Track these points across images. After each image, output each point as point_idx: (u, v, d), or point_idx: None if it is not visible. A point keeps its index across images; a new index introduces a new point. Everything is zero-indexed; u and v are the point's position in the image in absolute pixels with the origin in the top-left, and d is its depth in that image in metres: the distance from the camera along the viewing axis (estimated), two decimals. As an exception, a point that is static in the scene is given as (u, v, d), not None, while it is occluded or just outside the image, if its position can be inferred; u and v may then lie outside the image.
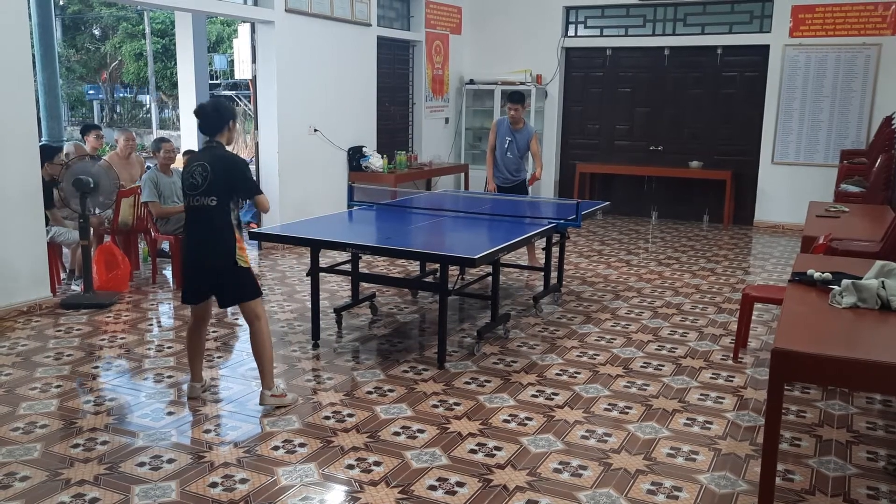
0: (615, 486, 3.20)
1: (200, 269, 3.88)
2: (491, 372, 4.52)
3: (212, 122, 3.87)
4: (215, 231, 3.80)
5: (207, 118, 3.88)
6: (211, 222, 3.80)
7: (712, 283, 6.85)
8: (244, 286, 3.90)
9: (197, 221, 3.83)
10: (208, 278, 3.88)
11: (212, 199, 3.76)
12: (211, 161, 3.78)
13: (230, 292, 3.92)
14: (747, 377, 4.51)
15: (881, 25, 8.93)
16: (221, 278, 3.86)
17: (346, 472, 3.29)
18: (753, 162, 9.89)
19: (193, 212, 3.82)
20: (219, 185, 3.76)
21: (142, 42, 21.90)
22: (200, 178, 3.75)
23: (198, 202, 3.77)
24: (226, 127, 3.89)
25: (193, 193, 3.78)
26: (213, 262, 3.82)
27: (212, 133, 3.88)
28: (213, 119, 3.87)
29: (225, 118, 3.89)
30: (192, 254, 3.88)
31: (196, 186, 3.76)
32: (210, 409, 3.95)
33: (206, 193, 3.75)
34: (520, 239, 4.96)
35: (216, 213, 3.78)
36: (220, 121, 3.87)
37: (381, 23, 9.42)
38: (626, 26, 10.54)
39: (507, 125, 6.86)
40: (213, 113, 3.90)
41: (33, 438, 3.57)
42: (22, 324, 5.30)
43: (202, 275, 3.89)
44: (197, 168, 3.78)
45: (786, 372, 2.58)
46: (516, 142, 6.84)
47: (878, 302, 3.02)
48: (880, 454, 3.54)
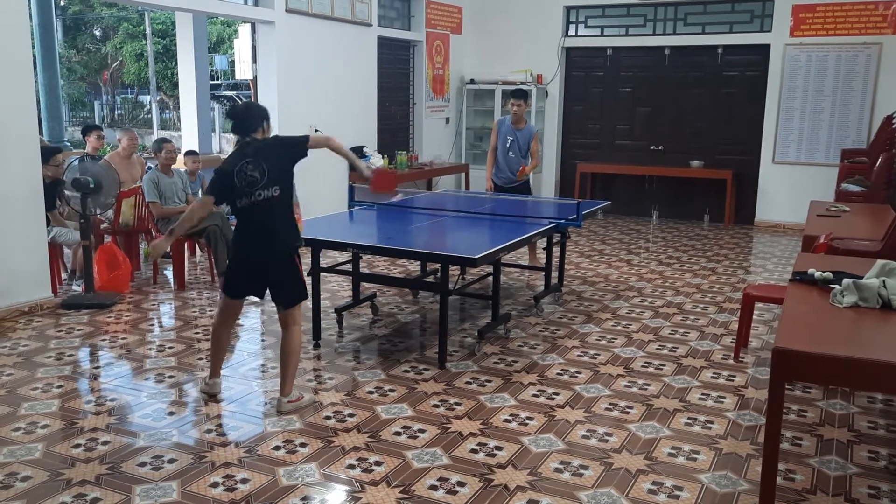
0: (616, 485, 3.20)
1: (264, 262, 3.83)
2: (492, 372, 4.52)
3: (245, 123, 3.86)
4: (282, 219, 3.81)
5: (240, 120, 3.87)
6: (280, 214, 3.80)
7: (713, 282, 6.85)
8: (299, 286, 3.90)
9: (262, 216, 3.77)
10: (271, 270, 3.85)
11: (275, 188, 3.76)
12: (257, 153, 3.76)
13: (288, 289, 3.89)
14: (748, 377, 4.51)
15: (882, 24, 8.92)
16: (285, 273, 3.84)
17: (347, 472, 3.29)
18: (754, 161, 9.89)
19: (256, 207, 3.76)
20: (277, 170, 3.76)
21: (142, 42, 21.90)
22: (258, 173, 3.73)
23: (260, 196, 3.74)
24: (260, 127, 3.87)
25: (254, 189, 3.73)
26: (280, 254, 3.80)
27: (247, 132, 3.86)
28: (247, 120, 3.87)
29: (259, 118, 3.88)
30: (257, 249, 3.82)
31: (255, 182, 3.73)
32: (211, 409, 3.95)
33: (267, 185, 3.74)
34: (520, 239, 4.96)
35: (282, 203, 3.79)
36: (253, 121, 3.86)
37: (382, 23, 9.42)
38: (626, 26, 10.54)
39: (508, 125, 6.84)
40: (245, 114, 3.90)
41: (34, 438, 3.58)
42: (23, 324, 5.31)
43: (265, 267, 3.84)
44: (247, 166, 3.74)
45: (787, 371, 2.58)
46: (518, 141, 6.82)
47: (879, 301, 3.02)
48: (881, 453, 3.53)
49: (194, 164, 7.14)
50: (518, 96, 6.80)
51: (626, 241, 8.83)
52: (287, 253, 3.83)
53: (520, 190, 6.97)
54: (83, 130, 7.75)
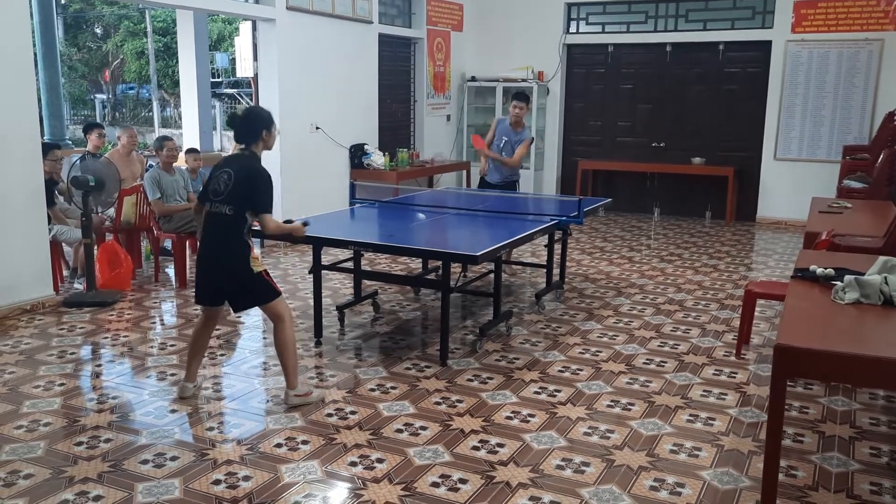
0: (618, 482, 3.20)
1: (213, 273, 3.85)
2: (493, 369, 4.52)
3: (243, 131, 3.85)
4: (228, 240, 3.78)
5: (238, 127, 3.87)
6: (225, 230, 3.77)
7: (715, 279, 6.85)
8: (258, 291, 3.85)
9: (213, 227, 3.81)
10: (221, 283, 3.85)
11: (228, 207, 3.73)
12: (237, 170, 3.76)
13: (243, 299, 3.90)
14: (750, 373, 4.51)
15: (883, 21, 8.90)
16: (233, 285, 3.83)
17: (349, 470, 3.29)
18: (756, 158, 9.88)
19: (211, 217, 3.80)
20: (238, 195, 3.72)
21: (143, 40, 21.91)
22: (223, 185, 3.74)
23: (216, 208, 3.76)
24: (259, 136, 3.84)
25: (214, 199, 3.77)
26: (224, 269, 3.80)
27: (245, 141, 3.85)
28: (244, 128, 3.85)
29: (257, 127, 3.84)
30: (206, 259, 3.85)
31: (217, 192, 3.76)
32: (213, 407, 3.96)
33: (224, 201, 3.73)
34: (522, 236, 4.96)
35: (231, 222, 3.75)
36: (252, 129, 3.84)
37: (383, 20, 9.42)
38: (627, 23, 10.53)
39: (507, 126, 6.86)
40: (244, 122, 3.88)
41: (37, 436, 3.58)
42: (25, 322, 5.31)
43: (215, 279, 3.85)
44: (222, 175, 3.77)
45: (788, 368, 2.58)
46: (511, 143, 6.85)
47: (881, 298, 3.02)
48: (883, 450, 3.53)
49: (195, 161, 7.14)
50: (521, 98, 6.79)
51: (627, 238, 8.83)
52: (232, 266, 3.78)
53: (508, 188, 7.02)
54: (85, 129, 7.75)
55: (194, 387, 4.06)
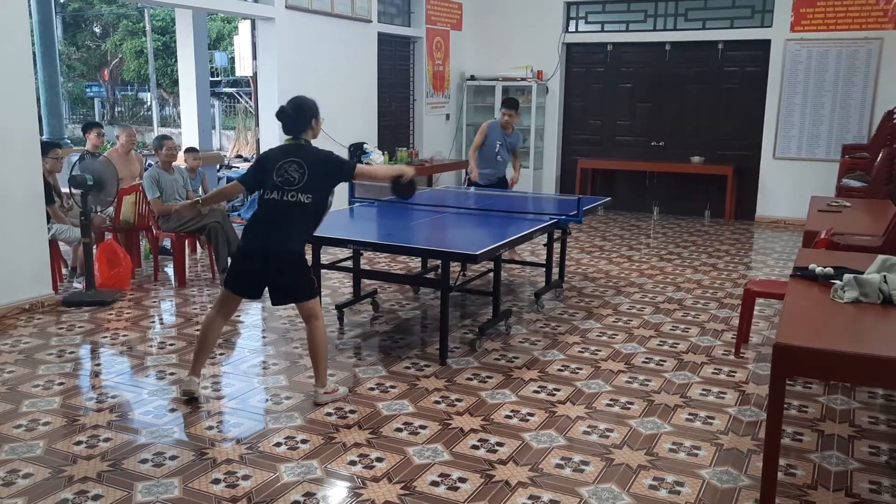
0: (617, 481, 3.20)
1: (271, 264, 3.80)
2: (493, 368, 4.52)
3: (294, 124, 3.90)
4: (303, 227, 3.84)
5: (289, 120, 3.90)
6: (304, 219, 3.81)
7: (714, 278, 6.85)
8: (304, 287, 3.88)
9: (286, 216, 3.78)
10: (275, 275, 3.83)
11: (307, 196, 3.77)
12: (306, 158, 3.81)
13: (291, 292, 3.89)
14: (749, 372, 4.51)
15: (882, 20, 8.89)
16: (287, 277, 3.83)
17: (349, 469, 3.29)
18: (755, 157, 9.88)
19: (284, 206, 3.78)
20: (316, 183, 3.78)
21: (142, 39, 21.89)
22: (297, 175, 3.77)
23: (293, 198, 3.77)
24: (309, 125, 3.93)
25: (289, 188, 3.78)
26: (284, 261, 3.79)
27: (296, 133, 3.91)
28: (295, 120, 3.90)
29: (307, 116, 3.93)
30: (263, 245, 3.80)
31: (291, 182, 3.78)
32: (212, 406, 3.96)
33: (302, 190, 3.77)
34: (521, 235, 4.96)
35: (309, 212, 3.81)
36: (302, 120, 3.91)
37: (382, 19, 9.41)
38: (626, 22, 10.52)
39: (499, 130, 7.02)
40: (294, 114, 3.91)
41: (36, 436, 3.58)
42: (24, 321, 5.31)
43: (271, 271, 3.82)
44: (291, 165, 3.79)
45: (787, 367, 2.58)
46: (506, 145, 7.05)
47: (880, 296, 3.02)
48: (882, 449, 3.54)
49: (194, 160, 7.14)
50: (510, 106, 7.04)
51: (626, 237, 8.83)
52: (290, 258, 3.81)
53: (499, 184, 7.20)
54: (84, 128, 7.75)
55: (198, 382, 4.03)
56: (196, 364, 4.03)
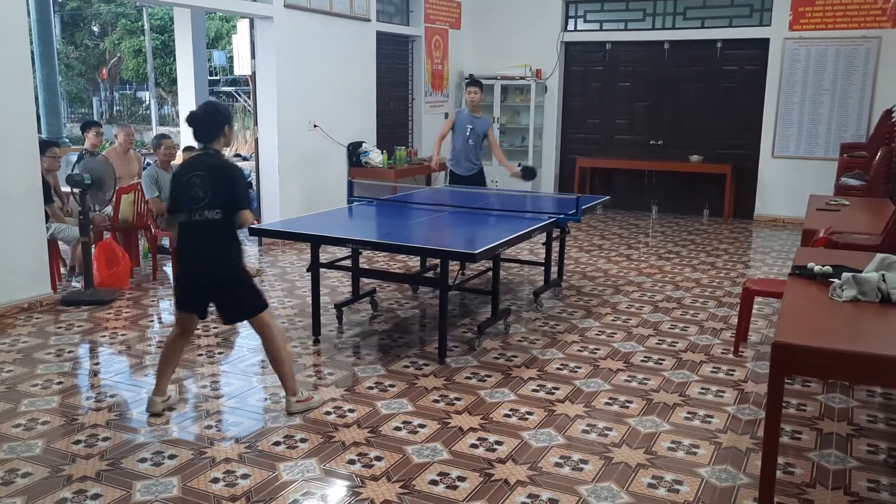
0: (616, 480, 3.21)
1: (204, 285, 3.69)
2: (491, 367, 4.52)
3: (206, 130, 3.67)
4: (223, 246, 3.62)
5: (201, 125, 3.66)
6: (218, 237, 3.60)
7: (713, 277, 6.86)
8: (251, 300, 3.71)
9: (201, 237, 3.60)
10: (212, 294, 3.71)
11: (216, 212, 3.55)
12: (210, 171, 3.57)
13: (238, 308, 3.73)
14: (748, 371, 4.51)
15: (881, 18, 8.90)
16: (227, 294, 3.69)
17: (348, 468, 3.29)
18: (753, 156, 9.88)
19: (196, 226, 3.58)
20: (222, 196, 3.55)
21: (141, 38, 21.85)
22: (201, 191, 3.54)
23: (200, 216, 3.55)
24: (221, 134, 3.68)
25: (196, 207, 3.55)
26: (219, 278, 3.64)
27: (207, 140, 3.67)
28: (208, 125, 3.66)
29: (220, 123, 3.67)
30: (194, 271, 3.67)
31: (198, 199, 3.54)
32: (211, 405, 3.96)
33: (209, 206, 3.55)
34: (520, 234, 4.96)
35: (223, 227, 3.59)
36: (214, 127, 3.66)
37: (381, 18, 9.41)
38: (625, 20, 10.52)
39: (466, 114, 7.19)
40: (206, 119, 3.67)
41: (35, 435, 3.58)
42: (23, 320, 5.31)
43: (205, 290, 3.71)
44: (195, 179, 3.56)
45: (786, 365, 2.58)
46: (476, 130, 7.10)
47: (879, 295, 3.02)
48: (881, 447, 3.54)
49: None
50: (475, 84, 7.19)
51: (625, 236, 8.83)
52: (226, 281, 3.65)
53: (475, 181, 7.24)
54: (82, 127, 7.74)
55: (163, 401, 3.84)
56: (159, 383, 3.85)
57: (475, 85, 7.17)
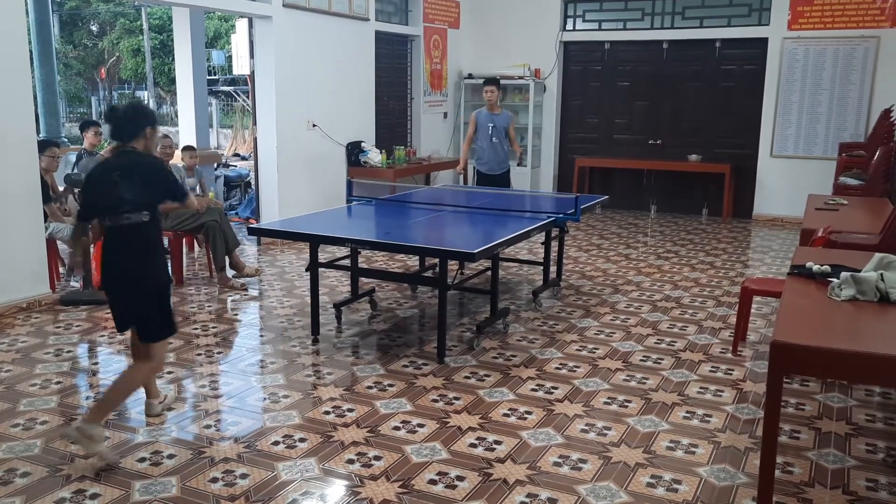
0: (615, 479, 3.21)
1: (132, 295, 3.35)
2: (490, 366, 4.52)
3: (125, 129, 3.31)
4: (150, 250, 3.32)
5: (121, 121, 3.33)
6: (145, 241, 3.29)
7: (711, 276, 6.86)
8: (160, 322, 3.39)
9: (125, 240, 3.28)
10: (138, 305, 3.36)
11: (145, 213, 3.26)
12: (131, 169, 3.25)
13: (157, 323, 3.38)
14: (746, 370, 4.52)
15: (879, 18, 8.91)
16: (150, 306, 3.34)
17: (347, 467, 3.29)
18: (752, 155, 9.89)
19: (119, 231, 3.26)
20: (149, 196, 3.27)
21: (139, 38, 21.85)
22: (128, 192, 3.22)
23: (126, 220, 3.23)
24: (142, 133, 3.33)
25: (119, 210, 3.22)
26: (150, 286, 3.33)
27: (124, 138, 3.32)
28: (126, 125, 3.32)
29: (140, 124, 3.33)
30: (122, 279, 3.34)
31: (120, 202, 3.22)
32: (210, 405, 3.96)
33: (137, 209, 3.24)
34: (519, 233, 4.96)
35: (150, 230, 3.30)
36: (134, 127, 3.31)
37: (379, 17, 9.40)
38: (624, 20, 10.53)
39: (486, 113, 7.25)
40: (125, 118, 3.34)
41: (33, 435, 3.58)
42: (21, 320, 5.30)
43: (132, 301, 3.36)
44: (115, 178, 3.23)
45: (785, 364, 2.58)
46: (497, 127, 7.16)
47: (877, 294, 3.02)
48: (879, 446, 3.54)
49: (191, 159, 7.13)
50: (491, 83, 7.27)
51: (624, 236, 8.83)
52: (148, 291, 3.34)
53: (501, 181, 7.28)
54: (81, 126, 7.73)
55: (160, 402, 3.80)
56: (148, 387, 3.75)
57: (491, 83, 7.23)
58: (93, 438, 3.25)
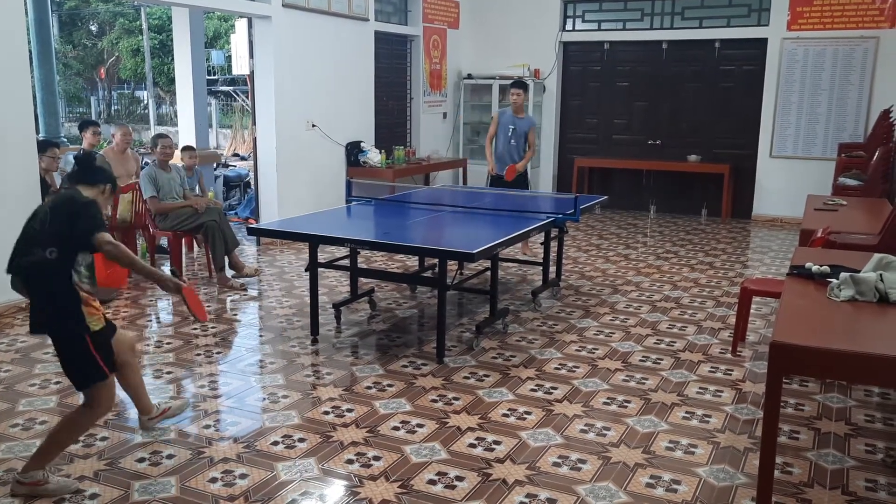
0: (614, 479, 3.21)
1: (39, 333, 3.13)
2: (490, 366, 4.52)
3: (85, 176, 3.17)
4: (54, 294, 2.98)
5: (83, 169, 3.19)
6: (48, 281, 2.97)
7: (711, 276, 6.86)
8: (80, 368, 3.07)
9: (34, 282, 3.02)
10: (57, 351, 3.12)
11: (50, 250, 2.94)
12: (54, 204, 3.05)
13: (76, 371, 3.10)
14: (746, 370, 4.52)
15: (879, 18, 8.91)
16: (65, 354, 3.08)
17: (346, 467, 3.29)
18: (752, 155, 9.89)
19: (31, 269, 2.99)
20: (58, 230, 2.96)
21: (139, 38, 21.83)
22: (39, 225, 3.00)
23: (34, 256, 2.95)
24: (96, 188, 3.16)
25: (30, 245, 2.98)
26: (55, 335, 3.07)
27: (78, 183, 3.15)
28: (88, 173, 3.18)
29: (99, 179, 3.18)
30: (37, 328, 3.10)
31: (34, 237, 2.99)
32: (209, 405, 3.96)
33: (42, 245, 2.95)
34: (518, 233, 4.96)
35: (57, 270, 2.96)
36: (93, 178, 3.17)
37: (379, 17, 9.40)
38: (623, 20, 10.53)
39: (510, 114, 7.13)
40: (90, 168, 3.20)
41: (33, 435, 3.58)
42: (21, 320, 5.30)
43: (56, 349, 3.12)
44: (38, 214, 3.05)
45: (784, 365, 2.59)
46: (518, 130, 7.10)
47: (876, 295, 3.03)
48: (878, 446, 3.54)
49: (191, 159, 7.13)
50: (518, 86, 7.16)
51: (623, 236, 8.83)
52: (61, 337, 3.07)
53: (518, 184, 7.12)
54: (80, 126, 7.73)
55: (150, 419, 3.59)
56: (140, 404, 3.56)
57: (519, 87, 7.18)
58: (38, 484, 3.02)
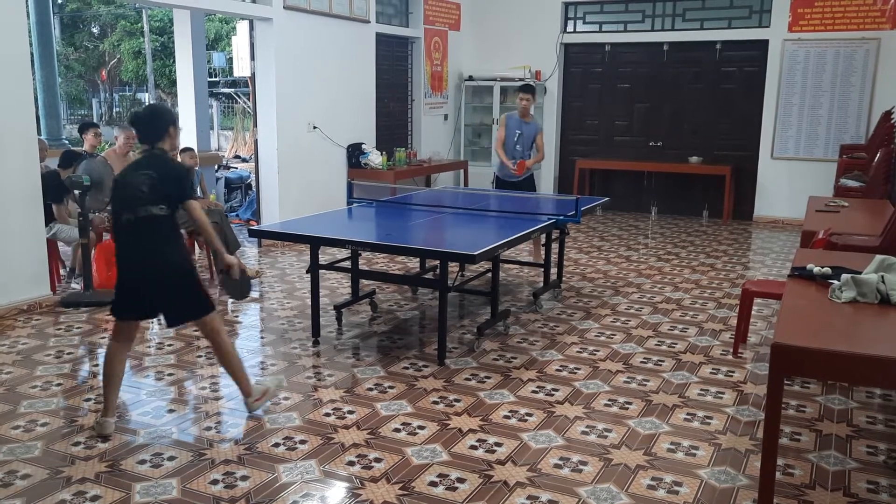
0: (615, 481, 3.21)
1: (149, 285, 3.57)
2: (491, 368, 4.52)
3: (150, 130, 3.63)
4: (169, 243, 3.56)
5: (144, 126, 3.65)
6: (161, 233, 3.54)
7: (712, 278, 6.86)
8: (197, 300, 3.63)
9: (142, 234, 3.51)
10: (157, 295, 3.59)
11: (161, 207, 3.51)
12: (160, 168, 3.54)
13: (183, 309, 3.64)
14: (747, 372, 4.51)
15: (880, 20, 8.91)
16: (172, 294, 3.58)
17: (347, 469, 3.29)
18: (753, 157, 9.89)
19: (136, 224, 3.50)
20: (167, 192, 3.53)
21: (140, 40, 21.86)
22: (147, 187, 3.48)
23: (144, 212, 3.48)
24: (166, 133, 3.64)
25: (138, 204, 3.48)
26: (168, 275, 3.55)
27: (152, 141, 3.62)
28: (151, 126, 3.63)
29: (164, 124, 3.64)
30: (139, 270, 3.56)
31: (140, 197, 3.48)
32: (210, 407, 3.96)
33: (153, 202, 3.49)
34: (519, 235, 4.96)
35: (166, 222, 3.55)
36: (158, 128, 3.63)
37: (380, 19, 9.41)
38: (624, 22, 10.54)
39: (517, 118, 7.02)
40: (149, 120, 3.67)
41: (34, 437, 3.58)
42: (22, 322, 5.30)
43: (149, 291, 3.58)
44: (140, 178, 3.51)
45: (785, 366, 2.58)
46: (524, 135, 6.99)
47: (878, 296, 3.02)
48: (880, 448, 3.54)
49: (191, 160, 7.13)
50: (526, 91, 7.03)
51: (624, 238, 8.83)
52: (174, 276, 3.57)
53: (524, 186, 7.06)
54: (80, 128, 7.73)
55: (115, 422, 3.66)
56: (108, 403, 3.65)
57: (526, 91, 7.02)
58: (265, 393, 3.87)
